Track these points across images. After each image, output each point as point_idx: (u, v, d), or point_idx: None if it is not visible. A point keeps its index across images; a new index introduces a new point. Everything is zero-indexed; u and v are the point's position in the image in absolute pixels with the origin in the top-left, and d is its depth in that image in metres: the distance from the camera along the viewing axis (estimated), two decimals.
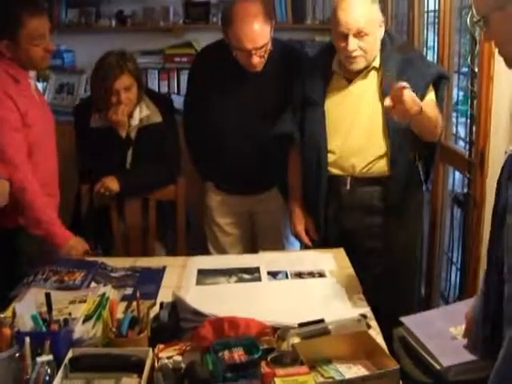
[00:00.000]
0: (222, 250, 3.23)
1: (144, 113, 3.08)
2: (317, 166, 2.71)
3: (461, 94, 3.25)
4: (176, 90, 5.34)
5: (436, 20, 3.18)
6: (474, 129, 2.67)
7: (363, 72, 2.63)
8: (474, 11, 1.49)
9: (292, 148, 2.86)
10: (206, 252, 3.24)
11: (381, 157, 2.63)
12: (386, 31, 2.67)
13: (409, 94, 2.17)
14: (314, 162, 2.72)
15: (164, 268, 2.51)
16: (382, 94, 2.58)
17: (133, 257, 2.80)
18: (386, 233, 2.67)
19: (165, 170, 3.11)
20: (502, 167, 1.56)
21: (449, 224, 3.14)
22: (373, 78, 2.65)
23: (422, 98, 2.54)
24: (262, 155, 2.98)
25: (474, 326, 1.71)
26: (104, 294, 2.12)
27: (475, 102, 2.64)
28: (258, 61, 2.78)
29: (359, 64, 2.59)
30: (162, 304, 2.00)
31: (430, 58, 3.44)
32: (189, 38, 5.29)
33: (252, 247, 3.26)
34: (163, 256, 3.15)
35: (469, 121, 2.77)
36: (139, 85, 3.04)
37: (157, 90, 5.25)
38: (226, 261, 2.58)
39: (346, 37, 2.52)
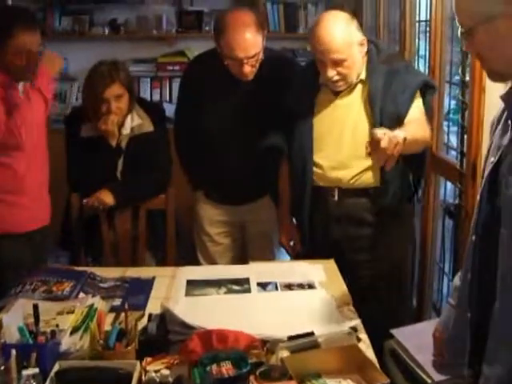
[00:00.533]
0: (211, 260, 3.21)
1: (135, 122, 3.06)
2: (302, 178, 2.71)
3: (453, 103, 3.24)
4: (168, 99, 5.36)
5: (428, 29, 3.18)
6: (465, 139, 2.67)
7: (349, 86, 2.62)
8: (458, 23, 1.47)
9: (283, 158, 2.85)
10: (196, 262, 3.22)
11: (367, 169, 2.61)
12: (373, 42, 2.66)
13: (386, 141, 2.09)
14: (299, 174, 2.72)
15: (153, 278, 2.49)
16: (369, 106, 2.58)
17: (123, 266, 2.78)
18: (375, 244, 2.65)
19: (157, 181, 3.10)
20: (484, 182, 1.56)
21: (440, 234, 3.13)
22: (359, 91, 2.64)
23: (408, 106, 2.53)
24: (254, 164, 2.96)
25: (446, 343, 1.70)
26: (92, 305, 2.10)
27: (466, 112, 2.64)
28: (249, 70, 2.78)
29: (341, 87, 2.60)
30: (150, 316, 1.98)
31: (421, 67, 3.44)
32: (181, 47, 5.31)
33: (242, 256, 3.24)
34: (153, 265, 3.13)
35: (460, 131, 2.77)
36: (131, 94, 3.03)
37: (149, 98, 5.26)
38: (216, 271, 2.56)
39: (324, 64, 2.53)
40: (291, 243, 2.94)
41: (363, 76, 2.62)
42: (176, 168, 3.19)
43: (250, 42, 2.71)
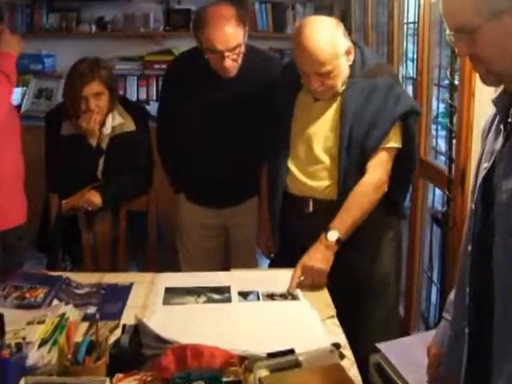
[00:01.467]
0: (193, 264, 3.11)
1: (117, 121, 3.01)
2: (274, 185, 2.63)
3: (442, 106, 3.19)
4: (155, 97, 5.35)
5: (416, 32, 3.12)
6: (453, 144, 2.59)
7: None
8: (456, 25, 1.37)
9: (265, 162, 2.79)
10: (177, 266, 3.15)
11: (337, 181, 2.50)
12: (360, 48, 2.53)
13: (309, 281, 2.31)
14: (273, 176, 2.65)
15: (131, 285, 2.39)
16: (340, 122, 2.48)
17: (102, 268, 2.73)
18: (357, 255, 2.52)
19: (141, 181, 3.06)
20: (477, 188, 1.49)
21: (428, 242, 3.05)
22: (337, 101, 2.51)
23: (377, 143, 2.44)
24: (237, 165, 2.90)
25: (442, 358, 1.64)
26: (64, 315, 2.00)
27: (455, 117, 2.57)
28: (230, 64, 2.71)
29: (326, 96, 2.49)
30: (124, 327, 1.89)
31: (410, 69, 3.38)
32: (169, 45, 5.32)
33: (225, 260, 3.17)
34: (134, 270, 3.06)
35: (449, 135, 2.70)
36: (111, 93, 2.97)
37: (135, 96, 5.26)
38: (196, 278, 2.44)
39: (308, 76, 2.41)
40: (268, 243, 2.86)
41: (344, 85, 2.49)
42: (158, 170, 3.13)
43: (230, 34, 2.65)
